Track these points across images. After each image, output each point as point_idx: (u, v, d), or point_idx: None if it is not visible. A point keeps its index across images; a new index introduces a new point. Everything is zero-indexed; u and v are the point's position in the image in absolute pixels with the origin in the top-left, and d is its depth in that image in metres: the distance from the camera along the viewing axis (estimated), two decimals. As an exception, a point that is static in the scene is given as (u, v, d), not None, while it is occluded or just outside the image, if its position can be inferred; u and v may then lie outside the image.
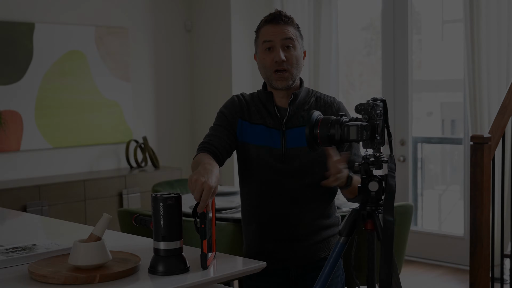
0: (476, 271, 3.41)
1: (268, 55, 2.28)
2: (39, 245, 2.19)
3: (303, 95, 2.36)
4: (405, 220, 3.47)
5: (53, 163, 5.37)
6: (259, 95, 2.38)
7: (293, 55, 2.28)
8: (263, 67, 2.31)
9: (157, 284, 1.79)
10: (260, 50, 2.31)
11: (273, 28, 2.28)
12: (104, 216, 1.91)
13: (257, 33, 2.34)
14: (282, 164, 2.29)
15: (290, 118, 2.32)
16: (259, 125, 2.33)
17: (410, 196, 5.52)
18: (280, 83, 2.28)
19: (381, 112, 1.99)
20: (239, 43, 5.97)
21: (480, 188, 3.39)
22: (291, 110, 2.32)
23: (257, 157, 2.31)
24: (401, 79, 5.42)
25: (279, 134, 2.31)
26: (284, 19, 2.29)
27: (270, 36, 2.27)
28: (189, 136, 6.35)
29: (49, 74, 5.27)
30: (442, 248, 5.35)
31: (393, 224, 1.91)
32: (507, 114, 3.54)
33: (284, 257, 2.35)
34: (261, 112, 2.34)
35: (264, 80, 2.34)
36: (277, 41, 2.26)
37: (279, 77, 2.27)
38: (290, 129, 2.31)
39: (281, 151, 2.30)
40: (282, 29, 2.28)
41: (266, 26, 2.30)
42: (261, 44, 2.30)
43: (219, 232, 3.31)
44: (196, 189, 1.87)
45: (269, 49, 2.28)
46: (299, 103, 2.34)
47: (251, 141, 2.33)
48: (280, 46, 2.26)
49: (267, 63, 2.28)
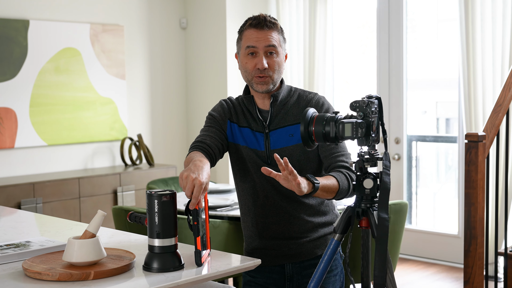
0: (470, 269, 3.42)
1: (251, 60, 2.29)
2: (34, 242, 2.19)
3: (284, 94, 2.36)
4: (400, 218, 3.48)
5: (47, 160, 5.36)
6: (243, 99, 2.39)
7: (275, 61, 2.29)
8: (244, 70, 2.32)
9: (151, 281, 1.79)
10: (243, 54, 2.32)
11: (257, 33, 2.28)
12: (98, 213, 1.90)
13: (240, 34, 2.34)
14: (269, 165, 2.31)
15: (273, 120, 2.33)
16: (245, 128, 2.36)
17: (404, 194, 5.53)
18: (261, 87, 2.29)
19: (376, 109, 1.99)
20: (234, 41, 5.96)
21: (474, 186, 3.40)
22: (272, 112, 2.33)
23: (248, 158, 2.34)
24: (396, 78, 5.42)
25: (263, 137, 2.33)
26: (269, 24, 2.29)
27: (253, 42, 2.28)
28: (184, 134, 6.34)
29: (44, 71, 5.26)
30: (436, 246, 5.36)
31: (387, 221, 1.92)
32: (501, 112, 3.55)
33: (280, 254, 2.36)
34: (246, 116, 2.37)
35: (245, 81, 2.35)
36: (260, 47, 2.27)
37: (260, 82, 2.28)
38: (273, 131, 2.32)
39: (266, 153, 2.32)
40: (266, 35, 2.27)
41: (250, 30, 2.30)
42: (244, 48, 2.30)
43: (214, 230, 3.31)
44: (187, 185, 1.87)
45: (251, 54, 2.29)
46: (280, 104, 2.34)
47: (242, 143, 2.35)
48: (263, 53, 2.27)
49: (249, 68, 2.29)
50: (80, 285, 1.75)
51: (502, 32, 4.57)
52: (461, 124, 5.04)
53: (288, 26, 5.74)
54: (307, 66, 5.67)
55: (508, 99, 3.59)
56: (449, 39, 5.89)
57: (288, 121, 2.32)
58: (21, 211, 3.02)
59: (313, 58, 5.62)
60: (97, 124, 5.64)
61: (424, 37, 6.26)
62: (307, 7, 5.61)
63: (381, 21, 5.48)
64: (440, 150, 6.42)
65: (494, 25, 4.61)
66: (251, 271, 2.38)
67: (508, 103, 3.59)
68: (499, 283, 4.24)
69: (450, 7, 5.68)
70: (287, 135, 2.31)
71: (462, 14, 4.73)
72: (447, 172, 6.42)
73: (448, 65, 5.85)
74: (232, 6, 5.95)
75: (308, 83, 5.67)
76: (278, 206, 2.33)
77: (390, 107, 5.47)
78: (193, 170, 1.92)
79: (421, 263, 5.35)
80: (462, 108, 4.84)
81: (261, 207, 2.34)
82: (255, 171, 2.33)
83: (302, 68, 5.71)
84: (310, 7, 5.60)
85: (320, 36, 5.59)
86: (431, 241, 5.40)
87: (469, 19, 4.69)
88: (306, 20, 5.64)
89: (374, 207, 2.02)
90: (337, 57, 5.96)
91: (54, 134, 5.36)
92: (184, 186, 1.88)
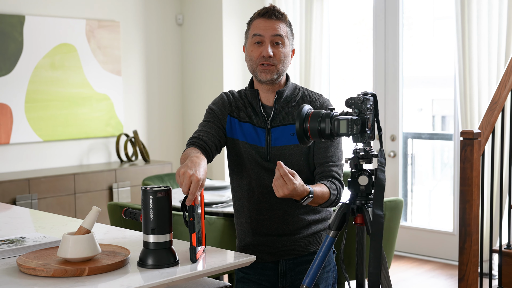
0: (465, 266, 3.42)
1: (257, 48, 2.29)
2: (28, 238, 2.19)
3: (289, 92, 2.36)
4: (395, 215, 3.49)
5: (43, 156, 5.36)
6: (246, 93, 2.39)
7: (281, 51, 2.29)
8: (249, 59, 2.32)
9: (146, 277, 1.79)
10: (249, 43, 2.32)
11: (264, 22, 2.29)
12: (93, 209, 1.90)
13: (249, 25, 2.35)
14: (267, 162, 2.31)
15: (276, 117, 2.33)
16: (246, 123, 2.35)
17: (400, 191, 5.54)
18: (265, 76, 2.28)
19: (372, 106, 1.99)
20: (230, 38, 5.96)
21: (469, 183, 3.41)
22: (276, 109, 2.33)
23: (246, 154, 2.33)
24: (392, 75, 5.43)
25: (264, 133, 2.32)
26: (277, 14, 2.30)
27: (260, 31, 2.28)
28: (180, 130, 6.34)
29: (39, 67, 5.25)
30: (431, 243, 5.37)
31: (382, 218, 1.92)
32: (497, 110, 3.56)
33: (274, 251, 2.36)
34: (248, 111, 2.36)
35: (250, 71, 2.35)
36: (267, 36, 2.27)
37: (264, 70, 2.28)
38: (275, 127, 2.32)
39: (266, 149, 2.31)
40: (274, 25, 2.28)
41: (258, 19, 2.31)
42: (251, 37, 2.31)
43: (210, 226, 3.31)
44: (184, 182, 1.87)
45: (258, 42, 2.29)
46: (284, 101, 2.34)
47: (241, 138, 2.34)
48: (269, 42, 2.27)
49: (254, 56, 2.29)
50: (75, 281, 1.75)
51: (498, 30, 4.58)
52: (456, 121, 5.05)
53: (285, 23, 5.73)
54: (303, 63, 5.67)
55: (504, 97, 3.60)
56: (445, 36, 5.89)
57: (290, 119, 2.32)
58: (16, 207, 3.01)
59: (309, 55, 5.62)
60: (93, 120, 5.63)
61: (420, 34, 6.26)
62: (304, 3, 5.61)
63: (377, 18, 5.48)
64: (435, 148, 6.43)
65: (490, 23, 4.62)
66: (244, 267, 2.38)
67: (503, 101, 3.60)
68: (493, 280, 4.25)
69: (446, 4, 5.69)
70: (289, 134, 2.31)
71: (458, 12, 4.73)
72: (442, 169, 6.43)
73: (444, 63, 5.86)
74: (229, 2, 5.94)
75: (304, 80, 5.67)
76: (273, 203, 2.32)
77: (386, 104, 5.48)
78: (190, 167, 1.92)
79: (416, 260, 5.36)
80: (457, 105, 4.85)
81: (256, 203, 2.34)
82: (252, 167, 2.32)
83: (298, 65, 5.70)
84: (307, 3, 5.60)
85: (316, 33, 5.59)
86: (426, 238, 5.41)
87: (465, 17, 4.70)
88: (303, 17, 5.63)
89: (369, 204, 2.03)
90: (333, 54, 5.96)
91: (50, 130, 5.35)
92: (181, 182, 1.88)
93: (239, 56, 6.02)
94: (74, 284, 1.72)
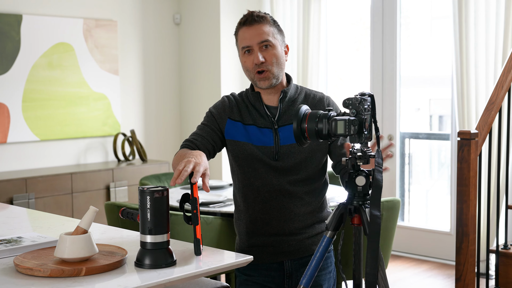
0: (462, 266, 3.43)
1: (248, 58, 2.32)
2: (25, 237, 2.19)
3: (293, 92, 2.39)
4: (392, 215, 3.49)
5: (40, 155, 5.35)
6: (248, 95, 2.40)
7: (271, 54, 2.30)
8: (246, 69, 2.35)
9: (143, 277, 1.78)
10: (241, 54, 2.36)
11: (248, 30, 2.30)
12: (90, 209, 1.90)
13: (236, 37, 2.38)
14: (275, 161, 2.32)
15: (281, 116, 2.35)
16: (251, 126, 2.36)
17: (397, 191, 5.55)
18: (264, 83, 2.31)
19: (369, 107, 1.99)
20: (228, 37, 5.96)
21: (466, 183, 3.41)
22: (281, 108, 2.35)
23: (251, 155, 2.34)
24: (390, 75, 5.43)
25: (272, 133, 2.33)
26: (257, 19, 2.31)
27: (247, 41, 2.30)
28: (177, 129, 6.33)
29: (36, 66, 5.24)
30: (428, 243, 5.38)
31: (379, 218, 1.92)
32: (494, 110, 3.56)
33: (279, 251, 2.37)
34: (251, 113, 2.38)
35: (250, 81, 2.38)
36: (254, 44, 2.30)
37: (261, 78, 2.31)
38: (282, 127, 2.34)
39: (275, 149, 2.32)
40: (257, 30, 2.30)
41: (241, 29, 2.33)
42: (241, 50, 2.34)
43: (207, 226, 3.31)
44: (189, 166, 1.91)
45: (248, 51, 2.32)
46: (289, 100, 2.37)
47: (245, 140, 2.35)
48: (258, 49, 2.29)
49: (248, 66, 2.32)
50: (72, 281, 1.74)
51: (495, 30, 4.58)
52: (454, 121, 5.06)
53: (282, 22, 5.74)
54: (301, 63, 5.67)
55: (501, 97, 3.60)
56: (442, 36, 5.90)
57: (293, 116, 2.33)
58: (13, 207, 3.01)
59: (307, 55, 5.62)
60: (90, 120, 5.62)
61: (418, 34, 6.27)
62: (301, 3, 5.61)
63: (375, 18, 5.49)
64: (433, 148, 6.44)
65: (487, 23, 4.62)
66: (246, 269, 2.38)
67: (500, 101, 3.60)
68: (490, 280, 4.26)
69: (444, 4, 5.69)
70: None
71: (455, 12, 4.74)
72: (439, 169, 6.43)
73: (441, 63, 5.87)
74: (226, 2, 5.94)
75: (301, 79, 5.67)
76: (280, 203, 2.34)
77: (383, 104, 5.48)
78: (191, 157, 1.98)
79: (413, 260, 5.36)
80: (455, 105, 4.86)
81: (262, 202, 2.35)
82: (258, 167, 2.33)
83: (295, 65, 5.71)
84: (304, 3, 5.60)
85: (314, 33, 5.59)
86: (423, 238, 5.42)
87: (462, 16, 4.70)
88: (300, 16, 5.63)
89: (366, 204, 2.03)
90: (331, 54, 5.97)
91: (47, 129, 5.35)
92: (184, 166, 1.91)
93: (237, 56, 6.01)
94: (71, 284, 1.72)
